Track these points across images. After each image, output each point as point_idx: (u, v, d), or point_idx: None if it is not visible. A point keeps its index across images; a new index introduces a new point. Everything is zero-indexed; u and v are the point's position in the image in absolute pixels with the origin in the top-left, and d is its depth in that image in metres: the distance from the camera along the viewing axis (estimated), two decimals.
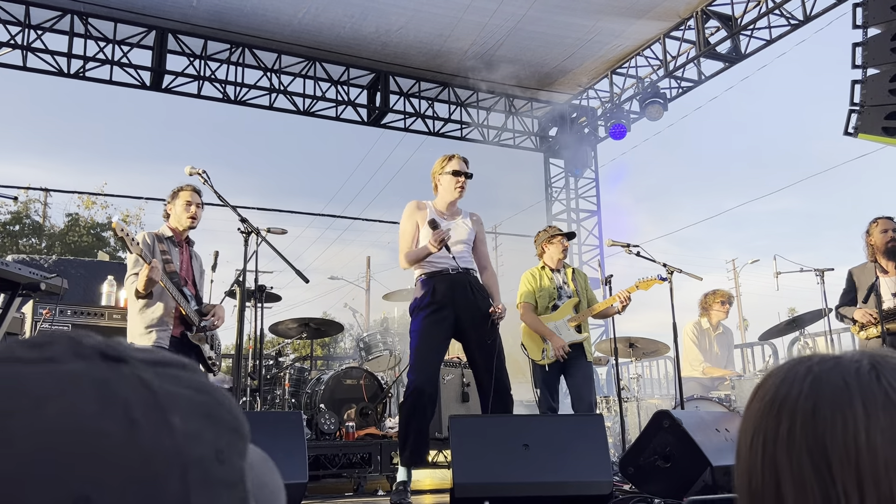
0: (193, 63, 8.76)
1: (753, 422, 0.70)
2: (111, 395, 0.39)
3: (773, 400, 0.69)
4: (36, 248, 22.40)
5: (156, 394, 0.40)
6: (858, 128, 5.42)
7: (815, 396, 0.66)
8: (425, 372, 4.03)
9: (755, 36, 8.39)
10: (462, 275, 4.22)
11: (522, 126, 10.88)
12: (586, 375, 5.27)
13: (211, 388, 0.45)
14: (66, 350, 0.41)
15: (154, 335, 4.16)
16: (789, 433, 0.65)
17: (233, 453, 0.43)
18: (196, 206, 4.44)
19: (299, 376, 6.45)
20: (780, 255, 5.84)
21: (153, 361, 0.43)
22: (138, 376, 0.41)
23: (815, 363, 0.69)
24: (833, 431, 0.63)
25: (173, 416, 0.40)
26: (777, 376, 0.71)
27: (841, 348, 7.01)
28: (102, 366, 0.41)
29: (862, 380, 0.65)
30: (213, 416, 0.43)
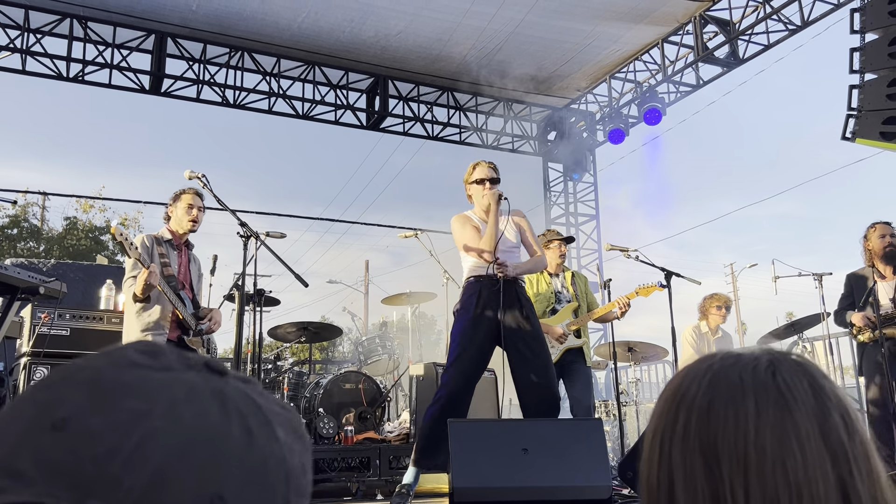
0: (193, 67, 8.77)
1: (655, 419, 0.70)
2: (228, 405, 0.43)
3: (672, 397, 0.69)
4: (34, 252, 22.36)
5: (260, 407, 0.44)
6: (856, 132, 5.43)
7: (711, 393, 0.66)
8: (463, 376, 3.96)
9: (753, 41, 8.42)
10: (510, 283, 4.14)
11: (521, 130, 10.89)
12: (585, 380, 5.27)
13: (285, 404, 0.49)
14: (177, 360, 0.45)
15: (150, 339, 4.16)
16: (685, 430, 0.66)
17: (308, 466, 0.47)
18: (198, 209, 4.44)
19: (298, 380, 6.44)
20: (778, 260, 5.86)
21: (241, 378, 0.47)
22: (241, 390, 0.45)
23: (717, 360, 0.69)
24: (725, 428, 0.63)
25: (278, 429, 0.44)
26: (681, 374, 0.71)
27: (839, 353, 7.03)
28: (211, 377, 0.45)
29: (757, 377, 0.65)
30: (298, 431, 0.47)
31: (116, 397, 0.40)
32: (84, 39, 8.23)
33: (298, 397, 6.21)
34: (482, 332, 4.04)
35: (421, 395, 5.65)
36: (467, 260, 4.28)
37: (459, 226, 4.32)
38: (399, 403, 6.89)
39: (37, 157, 54.57)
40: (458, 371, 3.97)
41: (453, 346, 4.06)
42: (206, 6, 7.95)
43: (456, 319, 4.15)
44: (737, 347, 0.73)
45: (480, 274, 4.16)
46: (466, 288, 4.19)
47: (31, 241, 23.25)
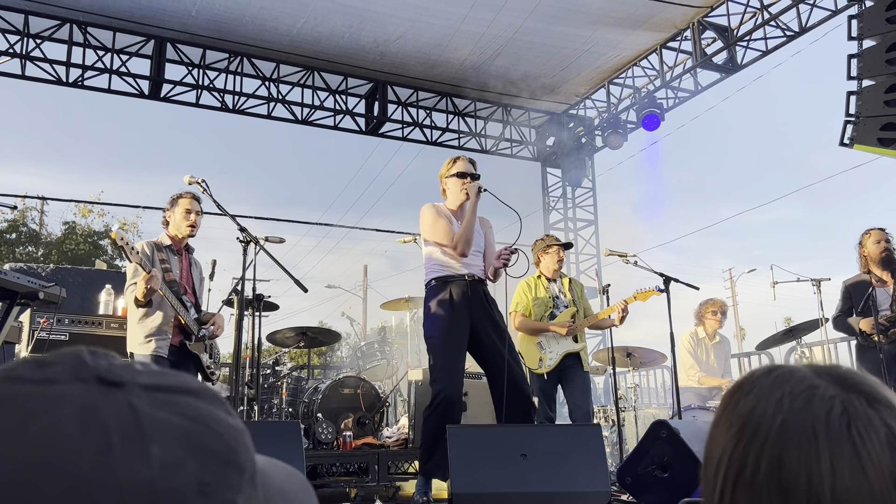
0: (192, 72, 8.78)
1: (720, 451, 0.69)
2: (93, 419, 0.39)
3: (741, 434, 0.67)
4: (33, 257, 22.34)
5: (139, 420, 0.40)
6: (854, 138, 5.45)
7: (782, 441, 0.64)
8: (454, 380, 3.95)
9: (751, 47, 8.45)
10: (477, 283, 4.16)
11: (520, 135, 10.91)
12: (583, 385, 5.28)
13: (211, 418, 0.43)
14: (66, 371, 0.41)
15: (153, 344, 4.16)
16: (753, 476, 0.64)
17: (222, 487, 0.41)
18: (196, 213, 4.44)
19: (296, 385, 6.44)
20: (776, 265, 5.86)
21: (154, 386, 0.43)
22: (129, 402, 0.41)
23: (787, 394, 0.67)
24: (797, 485, 0.62)
25: (153, 445, 0.39)
26: (747, 402, 0.69)
27: (838, 358, 7.03)
28: (95, 389, 0.41)
29: (832, 428, 0.63)
30: (202, 446, 0.41)
31: None
32: (84, 44, 8.25)
33: (297, 402, 6.20)
34: (459, 334, 4.03)
35: (420, 400, 5.64)
36: (432, 255, 4.21)
37: (433, 216, 4.22)
38: (398, 408, 6.88)
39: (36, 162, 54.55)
40: (448, 373, 3.95)
41: (437, 348, 4.01)
42: (205, 11, 7.97)
43: (431, 321, 4.08)
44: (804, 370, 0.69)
45: (449, 274, 4.12)
46: (434, 290, 4.13)
47: (29, 245, 23.23)
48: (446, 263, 4.15)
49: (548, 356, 5.16)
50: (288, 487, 0.51)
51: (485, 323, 4.09)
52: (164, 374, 0.45)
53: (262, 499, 0.45)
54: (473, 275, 4.15)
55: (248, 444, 0.45)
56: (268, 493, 0.47)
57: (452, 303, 4.04)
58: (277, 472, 0.52)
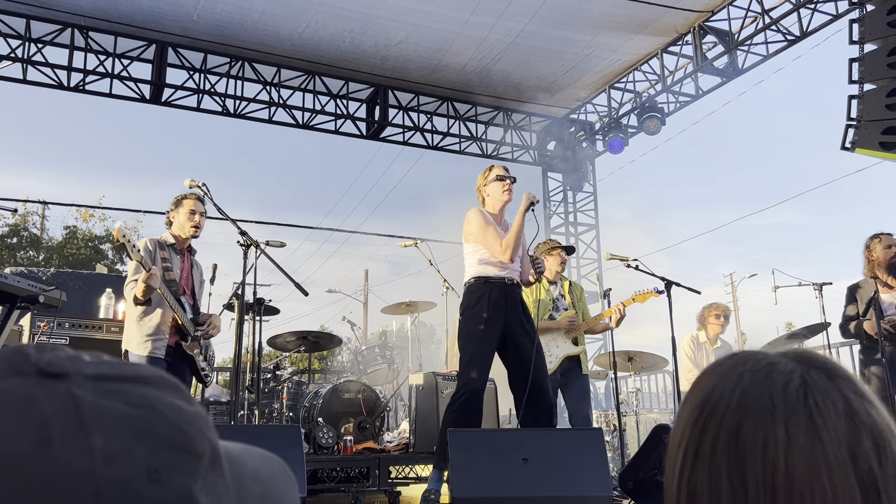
0: (193, 76, 8.79)
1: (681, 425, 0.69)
2: (31, 412, 0.38)
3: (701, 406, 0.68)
4: (34, 261, 22.35)
5: (80, 411, 0.39)
6: (856, 143, 5.45)
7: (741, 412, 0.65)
8: (482, 374, 4.02)
9: (752, 51, 8.45)
10: (515, 288, 4.25)
11: (520, 140, 10.92)
12: (583, 389, 5.27)
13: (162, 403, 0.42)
14: (6, 366, 0.40)
15: (150, 344, 4.16)
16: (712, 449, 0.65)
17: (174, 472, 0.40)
18: (199, 215, 4.45)
19: (297, 390, 6.42)
20: (778, 269, 5.85)
21: (100, 376, 0.41)
22: (70, 392, 0.39)
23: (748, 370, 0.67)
24: (752, 453, 0.62)
25: (94, 435, 0.38)
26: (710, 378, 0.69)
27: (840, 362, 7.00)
28: (34, 382, 0.39)
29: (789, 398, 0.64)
30: (149, 433, 0.40)
31: None
32: (85, 49, 8.26)
33: (297, 407, 6.19)
34: (492, 334, 4.10)
35: (420, 404, 5.63)
36: (476, 257, 4.28)
37: (482, 221, 4.29)
38: (398, 413, 6.87)
39: (37, 166, 54.68)
40: (477, 368, 4.02)
41: (468, 344, 4.09)
42: (206, 16, 7.98)
43: (467, 318, 4.15)
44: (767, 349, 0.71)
45: (490, 275, 4.19)
46: (475, 288, 4.21)
47: (30, 250, 23.24)
48: (487, 265, 4.22)
49: (547, 359, 5.15)
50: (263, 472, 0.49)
51: (517, 327, 4.16)
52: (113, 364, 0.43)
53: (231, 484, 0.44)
54: (512, 279, 4.23)
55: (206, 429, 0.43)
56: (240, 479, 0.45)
57: (490, 303, 4.12)
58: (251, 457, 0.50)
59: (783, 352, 0.69)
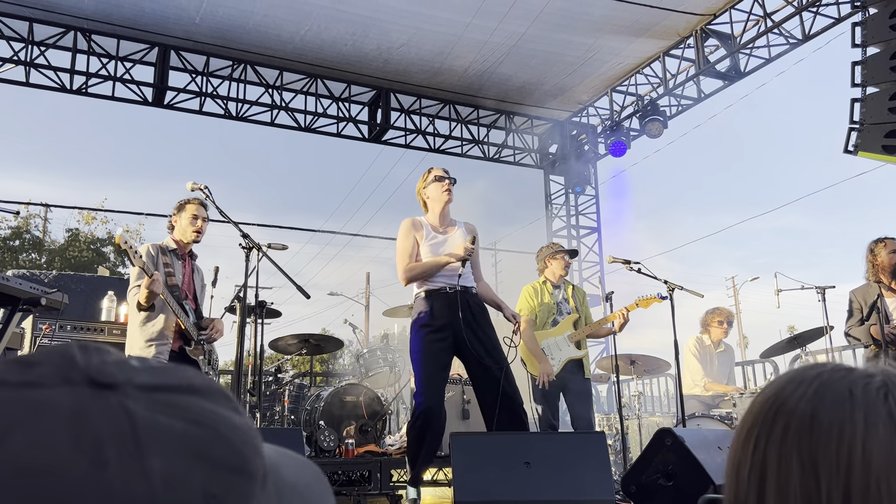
0: (195, 79, 8.80)
1: (752, 417, 0.69)
2: (85, 428, 0.35)
3: (774, 399, 0.67)
4: (36, 264, 22.38)
5: (137, 429, 0.36)
6: (858, 146, 5.44)
7: (816, 401, 0.64)
8: (433, 392, 3.99)
9: (754, 55, 8.44)
10: (461, 293, 4.15)
11: (522, 143, 10.92)
12: (585, 392, 5.26)
13: (217, 419, 0.39)
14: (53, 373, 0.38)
15: (153, 349, 4.16)
16: (783, 434, 0.64)
17: (231, 497, 0.37)
18: (202, 219, 4.46)
19: (299, 393, 6.42)
20: (780, 273, 5.83)
21: (153, 387, 0.39)
22: (124, 407, 0.37)
23: (827, 370, 0.67)
24: (828, 439, 0.62)
25: (152, 457, 0.35)
26: (786, 377, 0.69)
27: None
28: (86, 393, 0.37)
29: (869, 394, 0.63)
30: (206, 454, 0.37)
31: None
32: (88, 52, 8.27)
33: (299, 410, 6.18)
34: (442, 349, 4.05)
35: None
36: None
37: (404, 232, 4.28)
38: (400, 416, 6.86)
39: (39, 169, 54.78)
40: (430, 389, 3.99)
41: (418, 362, 4.05)
42: (209, 19, 7.99)
43: (413, 335, 4.13)
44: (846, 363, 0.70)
45: (431, 288, 4.16)
46: (417, 303, 4.19)
47: (33, 252, 23.27)
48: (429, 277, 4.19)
49: (550, 363, 5.14)
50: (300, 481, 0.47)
51: (469, 333, 4.06)
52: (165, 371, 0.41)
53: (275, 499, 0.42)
54: (454, 285, 4.14)
55: (259, 445, 0.41)
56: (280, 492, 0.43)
57: (433, 316, 4.07)
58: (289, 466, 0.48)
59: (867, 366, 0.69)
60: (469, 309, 4.13)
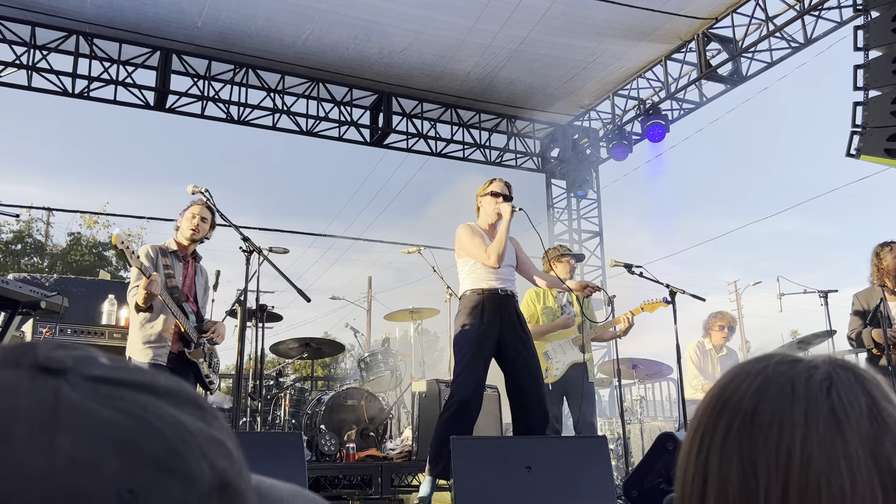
0: (197, 83, 8.81)
1: (698, 415, 0.68)
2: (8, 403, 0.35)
3: (719, 395, 0.66)
4: (38, 267, 22.40)
5: (57, 409, 0.35)
6: (861, 150, 5.42)
7: (758, 398, 0.63)
8: (474, 383, 4.03)
9: (756, 58, 8.43)
10: (510, 298, 4.29)
11: (524, 147, 10.91)
12: (588, 396, 5.24)
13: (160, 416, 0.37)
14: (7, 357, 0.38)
15: (152, 351, 4.15)
16: (725, 432, 0.63)
17: (153, 497, 0.35)
18: (201, 219, 4.45)
19: (300, 397, 6.40)
20: (783, 277, 5.81)
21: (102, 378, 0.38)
22: (56, 389, 0.36)
23: (773, 363, 0.66)
24: (768, 437, 0.60)
25: (62, 437, 0.34)
26: (732, 371, 0.68)
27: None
28: (25, 374, 0.36)
29: (810, 389, 0.62)
30: (131, 445, 0.35)
31: None
32: (90, 56, 8.28)
33: (300, 414, 6.17)
34: (487, 344, 4.12)
35: (423, 411, 5.60)
36: (468, 270, 4.34)
37: (469, 233, 4.38)
38: (401, 420, 6.84)
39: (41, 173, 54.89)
40: (469, 377, 4.03)
41: (461, 354, 4.12)
42: (211, 23, 8.00)
43: (461, 329, 4.20)
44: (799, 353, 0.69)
45: (483, 286, 4.24)
46: (468, 299, 4.26)
47: (34, 256, 23.29)
48: (480, 277, 4.28)
49: (554, 366, 5.13)
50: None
51: (513, 337, 4.19)
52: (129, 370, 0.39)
53: None
54: (506, 289, 4.27)
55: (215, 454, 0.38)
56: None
57: (483, 314, 4.16)
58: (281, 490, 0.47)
59: (813, 354, 0.67)
60: (515, 314, 4.28)
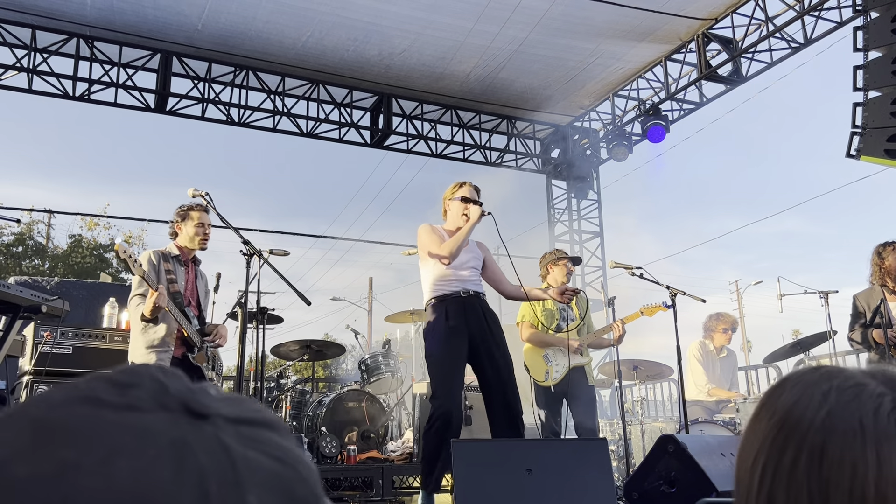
0: (198, 86, 8.81)
1: (758, 442, 0.66)
2: (188, 460, 0.35)
3: (781, 424, 0.64)
4: (39, 270, 22.41)
5: (234, 463, 0.36)
6: (861, 150, 5.42)
7: (826, 432, 0.61)
8: (451, 396, 3.99)
9: (756, 59, 8.43)
10: (473, 298, 4.23)
11: (524, 148, 10.91)
12: (589, 399, 5.24)
13: (295, 457, 0.40)
14: (150, 397, 0.38)
15: (154, 356, 4.14)
16: (792, 467, 0.62)
17: None
18: (208, 226, 4.46)
19: (300, 398, 6.41)
20: (783, 277, 5.81)
21: (237, 419, 0.39)
22: (219, 439, 0.37)
23: (834, 388, 0.64)
24: (840, 476, 0.59)
25: (249, 493, 0.36)
26: (791, 394, 0.66)
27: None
28: (184, 422, 0.37)
29: (879, 423, 0.60)
30: (292, 495, 0.38)
31: (54, 441, 0.34)
32: (90, 59, 8.29)
33: (301, 416, 6.17)
34: (457, 353, 4.07)
35: (424, 413, 5.60)
36: (427, 274, 4.30)
37: (428, 231, 4.33)
38: (402, 422, 6.84)
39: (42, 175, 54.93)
40: (447, 391, 3.99)
41: (434, 366, 4.08)
42: (211, 25, 8.01)
43: (429, 340, 4.16)
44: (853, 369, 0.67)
45: (443, 293, 4.20)
46: (431, 309, 4.22)
47: (36, 259, 23.30)
48: (442, 282, 4.23)
49: (554, 369, 5.13)
50: None
51: (483, 337, 4.14)
52: (240, 403, 0.41)
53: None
54: (468, 290, 4.21)
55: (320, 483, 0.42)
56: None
57: (448, 320, 4.10)
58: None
59: (870, 372, 0.66)
60: (482, 313, 4.21)
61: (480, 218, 4.23)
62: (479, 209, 4.24)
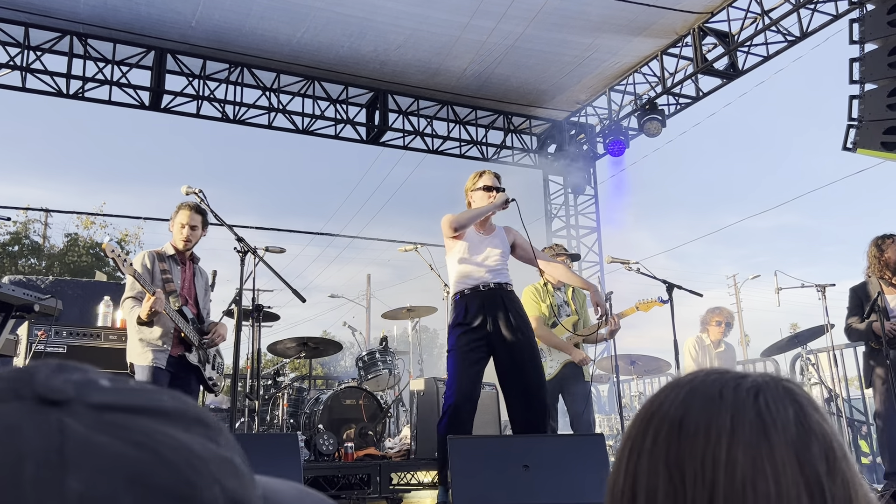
0: (192, 83, 8.78)
1: (628, 428, 0.68)
2: (11, 444, 0.33)
3: (648, 407, 0.66)
4: (35, 269, 22.36)
5: (64, 447, 0.34)
6: (857, 143, 5.41)
7: (685, 406, 0.63)
8: (461, 390, 3.98)
9: (752, 52, 8.42)
10: (495, 290, 4.17)
11: (521, 143, 10.89)
12: (584, 394, 5.23)
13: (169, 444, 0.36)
14: (7, 388, 0.36)
15: (151, 356, 4.12)
16: (653, 442, 0.63)
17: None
18: (190, 227, 4.37)
19: (298, 396, 6.39)
20: (781, 271, 5.80)
21: (106, 406, 0.36)
22: (61, 423, 0.35)
23: (702, 374, 0.66)
24: (694, 444, 0.60)
25: (72, 477, 0.33)
26: (663, 388, 0.68)
27: (844, 364, 6.96)
28: (29, 408, 0.35)
29: (738, 395, 0.62)
30: (142, 479, 0.34)
31: None
32: (84, 56, 8.25)
33: (298, 413, 6.15)
34: (475, 348, 4.06)
35: (422, 410, 5.59)
36: (452, 267, 4.28)
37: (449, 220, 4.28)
38: (400, 419, 6.83)
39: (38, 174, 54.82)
40: (459, 385, 3.99)
41: (450, 360, 4.08)
42: (205, 22, 7.97)
43: (449, 333, 4.17)
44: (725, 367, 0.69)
45: (467, 287, 4.18)
46: (455, 303, 4.21)
47: (31, 257, 23.25)
48: (465, 276, 4.20)
49: (548, 364, 5.11)
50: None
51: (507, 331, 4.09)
52: (133, 392, 0.38)
53: None
54: (488, 283, 4.17)
55: (225, 477, 0.38)
56: None
57: (467, 315, 4.10)
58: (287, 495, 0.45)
59: (725, 370, 0.68)
60: (503, 302, 4.15)
61: (506, 205, 4.20)
62: (504, 195, 4.22)
